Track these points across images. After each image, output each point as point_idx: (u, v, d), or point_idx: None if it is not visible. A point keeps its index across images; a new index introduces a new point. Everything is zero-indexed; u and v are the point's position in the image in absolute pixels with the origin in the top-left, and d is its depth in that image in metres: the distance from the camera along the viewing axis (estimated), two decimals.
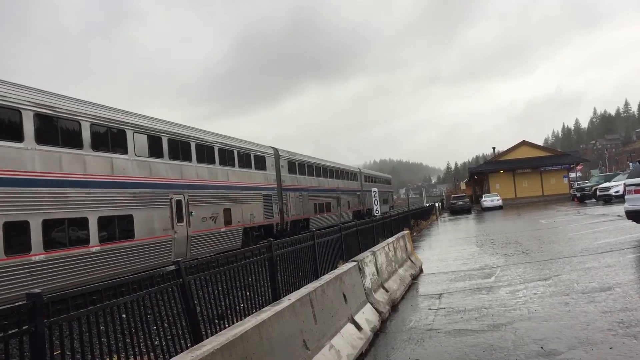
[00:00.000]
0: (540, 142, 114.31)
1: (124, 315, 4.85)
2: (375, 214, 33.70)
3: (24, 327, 3.63)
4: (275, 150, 28.14)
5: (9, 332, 3.52)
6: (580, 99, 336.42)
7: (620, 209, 18.64)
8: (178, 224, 17.48)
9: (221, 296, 6.53)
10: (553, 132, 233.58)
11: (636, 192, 13.89)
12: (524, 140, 61.30)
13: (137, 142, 16.27)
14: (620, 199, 33.09)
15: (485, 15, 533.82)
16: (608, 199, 33.99)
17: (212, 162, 20.59)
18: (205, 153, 20.18)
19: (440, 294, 10.03)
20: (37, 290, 3.77)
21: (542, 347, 5.94)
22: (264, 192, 24.99)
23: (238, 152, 23.05)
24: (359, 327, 6.98)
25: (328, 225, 24.82)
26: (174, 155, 18.11)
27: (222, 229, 20.42)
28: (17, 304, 3.69)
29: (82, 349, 4.30)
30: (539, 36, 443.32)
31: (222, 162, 21.41)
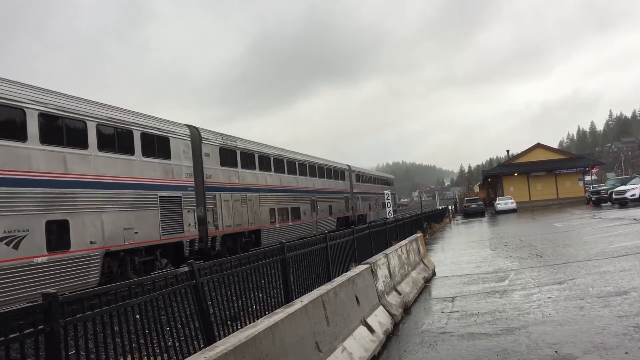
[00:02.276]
0: (555, 145, 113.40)
1: (137, 316, 4.89)
2: (388, 217, 33.59)
3: (39, 327, 3.67)
4: (195, 130, 19.22)
5: (25, 331, 3.56)
6: (597, 101, 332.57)
7: (636, 212, 18.46)
8: None
9: (234, 297, 6.56)
10: (568, 134, 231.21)
11: None
12: (538, 143, 60.78)
13: None
14: (636, 202, 32.80)
15: (500, 17, 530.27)
16: (624, 203, 33.64)
17: (19, 137, 11.60)
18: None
19: (454, 297, 9.98)
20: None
21: (556, 352, 5.89)
22: (163, 193, 16.27)
23: (98, 126, 13.84)
24: (371, 330, 6.97)
25: (297, 238, 19.54)
26: None
27: (40, 259, 11.69)
28: (33, 304, 3.74)
29: (97, 349, 4.34)
30: (555, 38, 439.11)
31: (49, 140, 12.34)
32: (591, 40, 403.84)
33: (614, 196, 35.51)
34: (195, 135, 19.05)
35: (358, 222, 38.49)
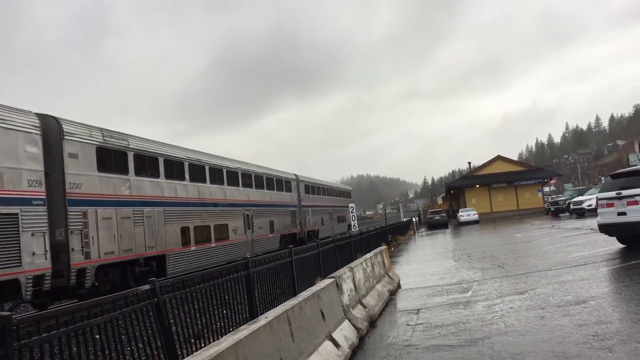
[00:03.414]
0: (515, 157, 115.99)
1: (97, 336, 4.75)
2: (353, 230, 33.63)
3: None
4: (53, 121, 13.91)
5: None
6: (554, 114, 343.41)
7: (593, 222, 18.92)
8: None
9: (197, 315, 6.44)
10: (527, 147, 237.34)
11: (608, 205, 14.15)
12: (498, 155, 62.14)
13: None
14: (593, 212, 33.71)
15: (462, 32, 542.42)
16: (581, 213, 34.54)
17: None
18: None
19: (418, 310, 10.04)
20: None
21: None
22: None
23: None
24: (337, 345, 6.94)
25: (224, 262, 14.80)
26: None
27: None
28: None
29: None
30: (515, 51, 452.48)
31: None
32: (549, 54, 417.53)
33: (571, 207, 36.46)
34: (53, 128, 13.75)
35: (308, 239, 33.52)
